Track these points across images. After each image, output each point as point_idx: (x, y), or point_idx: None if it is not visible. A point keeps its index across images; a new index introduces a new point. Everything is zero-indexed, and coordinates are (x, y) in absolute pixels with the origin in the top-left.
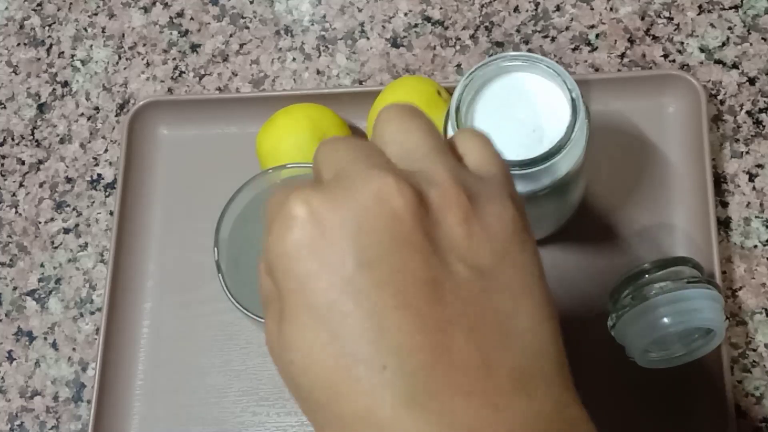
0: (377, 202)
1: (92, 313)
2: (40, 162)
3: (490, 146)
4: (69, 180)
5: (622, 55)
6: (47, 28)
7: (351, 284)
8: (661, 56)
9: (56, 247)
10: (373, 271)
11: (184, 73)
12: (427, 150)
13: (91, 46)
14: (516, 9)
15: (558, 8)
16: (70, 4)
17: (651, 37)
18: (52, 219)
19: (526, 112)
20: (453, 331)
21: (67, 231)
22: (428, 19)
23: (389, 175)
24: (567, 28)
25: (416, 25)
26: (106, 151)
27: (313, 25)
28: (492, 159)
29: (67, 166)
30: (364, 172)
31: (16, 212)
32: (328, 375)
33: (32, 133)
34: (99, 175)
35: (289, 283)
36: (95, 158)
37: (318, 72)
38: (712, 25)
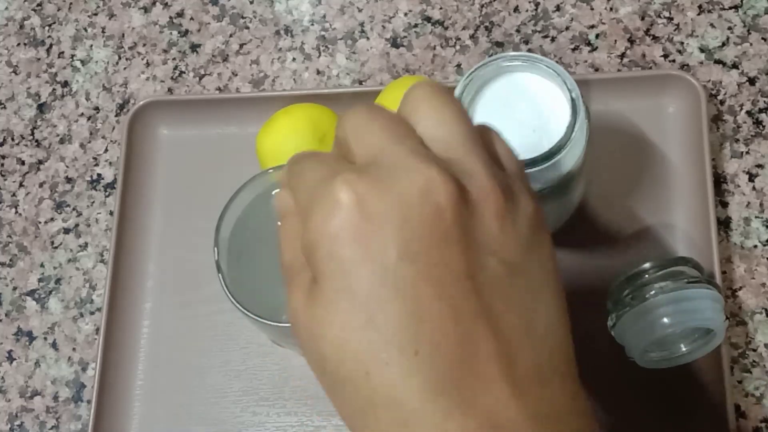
0: (422, 195)
1: (92, 313)
2: (40, 162)
3: (506, 142)
4: (69, 180)
5: (622, 55)
6: (47, 28)
7: (392, 274)
8: (661, 56)
9: (56, 247)
10: (414, 264)
11: (184, 73)
12: (462, 139)
13: (91, 46)
14: (516, 9)
15: (558, 8)
16: (70, 4)
17: (651, 37)
18: (52, 219)
19: (526, 112)
20: (483, 324)
21: (67, 231)
22: (428, 19)
23: (433, 167)
24: (567, 28)
25: (416, 25)
26: (106, 151)
27: (313, 25)
28: (511, 154)
29: (67, 166)
30: (407, 161)
31: (16, 212)
32: (359, 355)
33: (32, 133)
34: (99, 175)
35: (330, 265)
36: (95, 158)
37: (318, 72)
38: (712, 25)
